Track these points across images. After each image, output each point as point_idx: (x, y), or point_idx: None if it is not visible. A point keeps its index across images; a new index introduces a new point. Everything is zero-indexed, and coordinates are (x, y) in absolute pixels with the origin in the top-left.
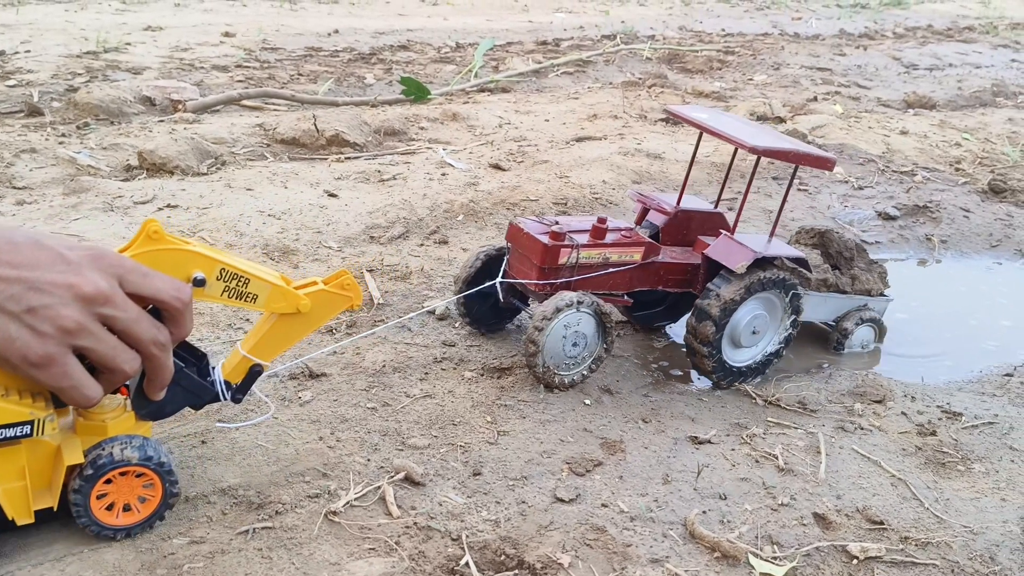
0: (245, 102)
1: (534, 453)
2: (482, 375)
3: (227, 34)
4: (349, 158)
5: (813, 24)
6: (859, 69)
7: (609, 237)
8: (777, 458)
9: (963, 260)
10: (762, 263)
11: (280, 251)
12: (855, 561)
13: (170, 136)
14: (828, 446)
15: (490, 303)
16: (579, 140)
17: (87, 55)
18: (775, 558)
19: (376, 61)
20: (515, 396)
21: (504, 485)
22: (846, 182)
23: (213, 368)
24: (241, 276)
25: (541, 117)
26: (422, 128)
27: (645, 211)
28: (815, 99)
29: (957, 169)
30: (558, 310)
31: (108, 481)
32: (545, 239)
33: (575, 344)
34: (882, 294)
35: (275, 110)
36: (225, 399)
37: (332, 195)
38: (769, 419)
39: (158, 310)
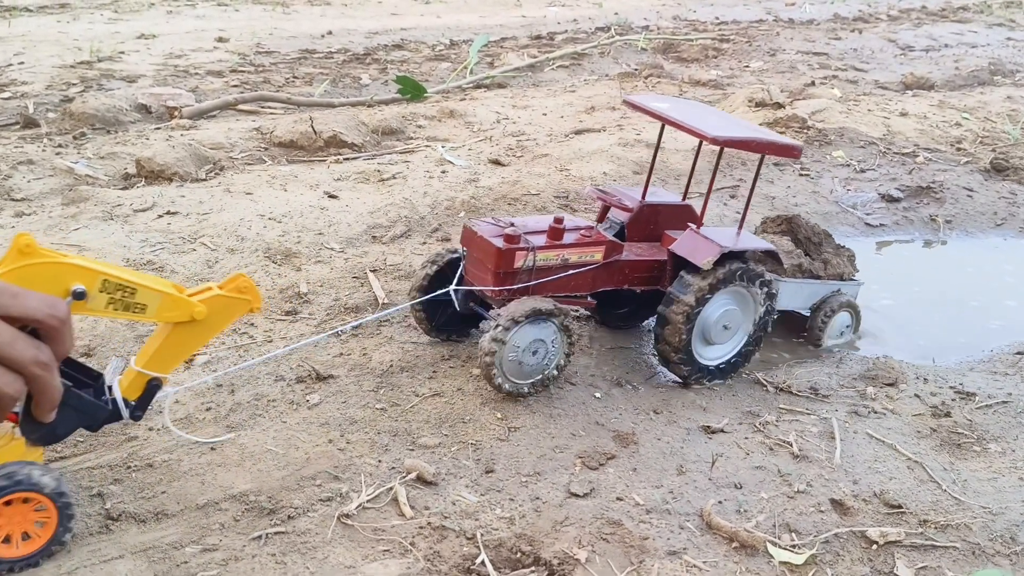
0: (241, 106)
1: (546, 448)
2: None
3: (220, 39)
4: (348, 159)
5: (807, 9)
6: (855, 52)
7: (567, 237)
8: (791, 445)
9: (968, 240)
10: (730, 257)
11: (282, 254)
12: (875, 546)
13: (167, 143)
14: (842, 431)
15: (451, 310)
16: (578, 133)
17: (81, 65)
18: (794, 546)
19: (371, 61)
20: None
21: (517, 482)
22: (848, 165)
23: (109, 387)
24: (127, 286)
25: (539, 111)
26: (420, 126)
27: (607, 208)
28: (813, 84)
29: (958, 149)
30: (516, 321)
31: (7, 504)
32: (499, 243)
33: (534, 353)
34: (852, 278)
35: (271, 113)
36: (124, 417)
37: (332, 196)
38: (781, 406)
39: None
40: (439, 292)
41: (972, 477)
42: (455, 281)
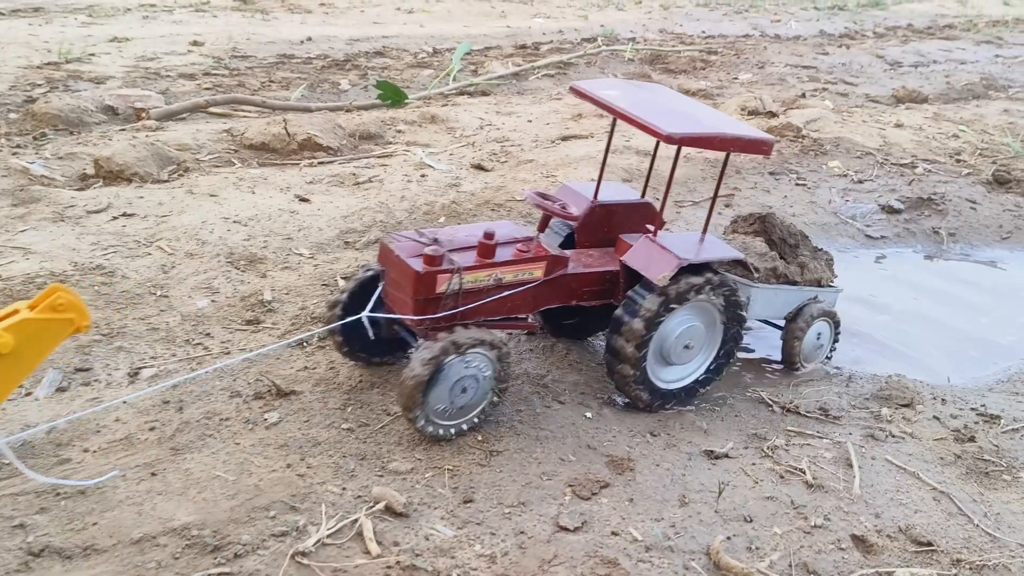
0: (212, 109)
1: (532, 475)
2: None
3: (195, 43)
4: (322, 162)
5: (792, 26)
6: (844, 67)
7: (501, 253)
8: (804, 472)
9: (973, 253)
10: (691, 269)
11: (246, 260)
12: None
13: (129, 143)
14: (859, 457)
15: (374, 332)
16: (564, 139)
17: (48, 66)
18: None
19: (351, 67)
20: (506, 409)
21: (499, 513)
22: (845, 175)
23: None
24: None
25: (524, 118)
26: (399, 131)
27: (548, 215)
28: (804, 96)
29: (958, 161)
30: (417, 401)
31: None
32: (417, 265)
33: (464, 390)
34: (831, 284)
35: (244, 116)
36: None
37: (304, 199)
38: (789, 428)
39: None
40: (350, 319)
41: (1005, 510)
42: (369, 307)
